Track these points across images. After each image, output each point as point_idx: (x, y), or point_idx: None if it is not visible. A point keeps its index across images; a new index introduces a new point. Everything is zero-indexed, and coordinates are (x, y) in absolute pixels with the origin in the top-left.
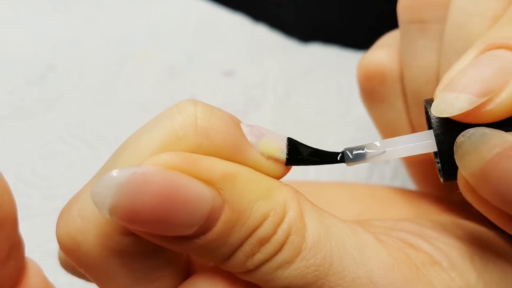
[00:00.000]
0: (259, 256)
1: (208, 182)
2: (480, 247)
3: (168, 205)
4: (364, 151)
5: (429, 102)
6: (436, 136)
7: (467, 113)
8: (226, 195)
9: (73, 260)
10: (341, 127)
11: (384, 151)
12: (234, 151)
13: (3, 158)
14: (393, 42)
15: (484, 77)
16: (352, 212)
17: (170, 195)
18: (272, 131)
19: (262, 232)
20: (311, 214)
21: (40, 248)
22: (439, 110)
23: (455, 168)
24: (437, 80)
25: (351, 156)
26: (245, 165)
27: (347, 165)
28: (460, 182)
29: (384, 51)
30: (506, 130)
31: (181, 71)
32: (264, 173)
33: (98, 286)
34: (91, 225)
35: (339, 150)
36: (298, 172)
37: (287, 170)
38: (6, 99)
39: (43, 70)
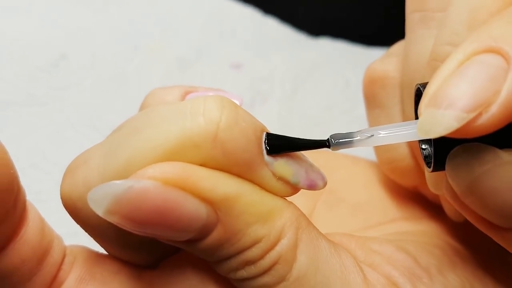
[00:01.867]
0: (243, 273)
1: (206, 201)
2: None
3: (161, 220)
4: (351, 139)
5: (422, 85)
6: None
7: (457, 130)
8: (222, 216)
9: (72, 217)
10: (346, 124)
11: (372, 135)
12: (246, 169)
13: (15, 143)
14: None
15: (473, 90)
16: (358, 199)
17: (164, 212)
18: (292, 152)
19: (250, 254)
20: (306, 246)
21: None
22: (425, 130)
23: (445, 159)
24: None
25: (334, 142)
26: (253, 182)
27: (332, 150)
28: (444, 186)
29: (391, 59)
30: (497, 142)
31: (190, 63)
32: (272, 192)
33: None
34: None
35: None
36: None
37: (296, 191)
38: (20, 86)
39: (56, 58)
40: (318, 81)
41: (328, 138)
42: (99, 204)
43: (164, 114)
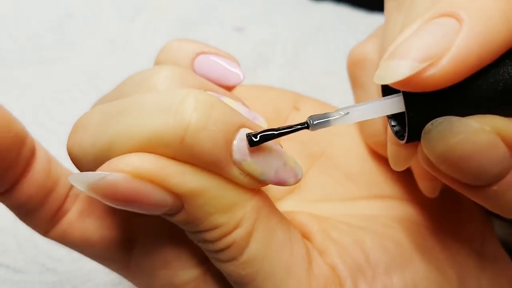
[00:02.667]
0: (202, 245)
1: (173, 194)
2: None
3: (130, 203)
4: (327, 118)
5: None
6: (404, 95)
7: (409, 79)
8: (186, 205)
9: (76, 167)
10: (346, 89)
11: (348, 113)
12: (213, 167)
13: (22, 101)
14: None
15: (426, 44)
16: (352, 168)
17: (133, 198)
18: (268, 145)
19: (208, 235)
20: (260, 236)
21: None
22: (380, 77)
23: (416, 133)
24: None
25: (312, 122)
26: (222, 176)
27: (311, 130)
28: (420, 154)
29: (371, 41)
30: (452, 99)
31: (193, 24)
32: (239, 185)
33: None
34: (89, 156)
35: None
36: None
37: (264, 185)
38: (25, 44)
39: (61, 17)
40: (319, 46)
41: (307, 120)
42: (79, 186)
43: (146, 105)
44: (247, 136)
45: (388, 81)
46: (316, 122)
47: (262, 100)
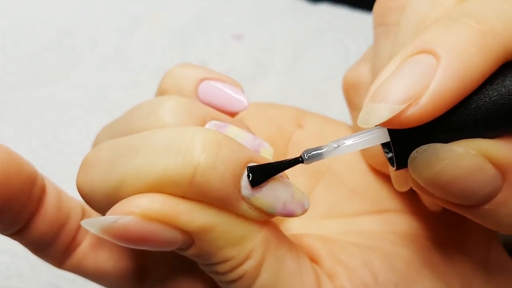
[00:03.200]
0: (214, 276)
1: (183, 231)
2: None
3: (142, 243)
4: (320, 151)
5: None
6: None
7: (390, 120)
8: (197, 241)
9: (86, 202)
10: None
11: (338, 146)
12: (222, 203)
13: (27, 125)
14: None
15: (405, 85)
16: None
17: (144, 239)
18: (274, 180)
19: (220, 268)
20: (270, 266)
21: None
22: (363, 120)
23: (404, 160)
24: None
25: (306, 156)
26: (231, 211)
27: (306, 164)
28: (410, 179)
29: (363, 65)
30: (436, 128)
31: (191, 34)
32: (248, 218)
33: None
34: (99, 194)
35: (342, 119)
36: None
37: (272, 217)
38: (25, 66)
39: (59, 35)
40: (318, 50)
41: (301, 154)
42: (92, 229)
43: (155, 144)
44: (247, 178)
45: (370, 124)
46: (309, 155)
47: (266, 119)
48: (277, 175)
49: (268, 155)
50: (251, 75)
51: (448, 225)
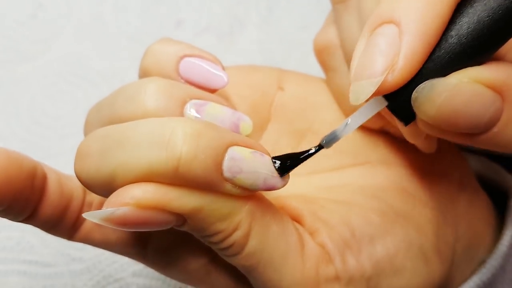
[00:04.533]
0: (210, 245)
1: (176, 215)
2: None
3: (140, 227)
4: (334, 134)
5: None
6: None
7: (377, 91)
8: (189, 220)
9: (86, 188)
10: None
11: (347, 123)
12: (207, 187)
13: (15, 102)
14: None
15: (377, 59)
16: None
17: (142, 223)
18: (254, 159)
19: (212, 239)
20: (256, 234)
21: None
22: (354, 99)
23: (409, 114)
24: None
25: (325, 142)
26: (217, 192)
27: (327, 148)
28: (419, 122)
29: (330, 28)
30: (424, 74)
31: None
32: (233, 195)
33: None
34: (96, 182)
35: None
36: None
37: (255, 192)
38: (4, 43)
39: (33, 9)
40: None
41: (320, 142)
42: (93, 220)
43: (141, 138)
44: (277, 170)
45: (361, 100)
46: (327, 140)
47: (248, 85)
48: (257, 153)
49: (247, 128)
50: (229, 31)
51: (425, 166)
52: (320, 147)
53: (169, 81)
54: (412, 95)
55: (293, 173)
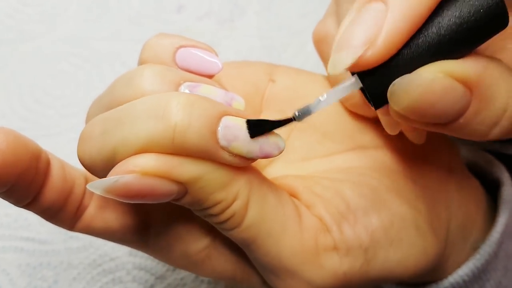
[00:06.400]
0: (208, 219)
1: (177, 182)
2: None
3: (143, 197)
4: (307, 107)
5: None
6: (359, 75)
7: (353, 64)
8: (189, 189)
9: (89, 172)
10: None
11: (320, 100)
12: (205, 155)
13: (17, 80)
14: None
15: (360, 31)
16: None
17: (144, 193)
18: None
19: (212, 210)
20: (255, 203)
21: None
22: (331, 69)
23: (381, 98)
24: None
25: (298, 114)
26: (215, 161)
27: (299, 122)
28: (390, 109)
29: (330, 19)
30: (400, 62)
31: None
32: (231, 165)
33: None
34: (98, 163)
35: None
36: None
37: (253, 162)
38: (7, 23)
39: None
40: None
41: (294, 114)
42: (96, 190)
43: (138, 113)
44: (248, 128)
45: (338, 70)
46: (299, 113)
47: (240, 78)
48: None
49: (240, 107)
50: (229, 18)
51: (413, 152)
52: (292, 119)
53: (163, 66)
54: (389, 89)
55: (285, 160)
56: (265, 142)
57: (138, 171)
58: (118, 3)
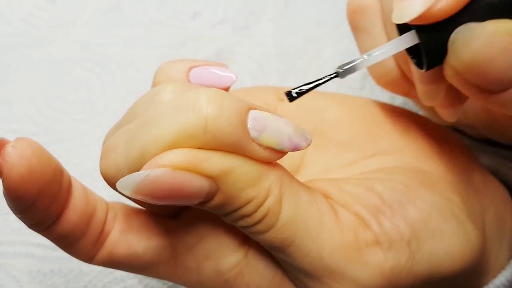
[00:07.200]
0: (242, 223)
1: (207, 177)
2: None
3: (174, 195)
4: (352, 64)
5: None
6: (416, 29)
7: (423, 14)
8: (221, 185)
9: (111, 187)
10: (337, 39)
11: (370, 54)
12: (236, 147)
13: (31, 85)
14: None
15: None
16: (343, 138)
17: (176, 189)
18: (275, 118)
19: (245, 210)
20: (288, 199)
21: (78, 168)
22: (398, 17)
23: (436, 57)
24: None
25: (342, 70)
26: (245, 155)
27: (341, 78)
28: (446, 68)
29: None
30: (462, 21)
31: None
32: (261, 159)
33: None
34: (125, 171)
35: (334, 62)
36: None
37: (283, 155)
38: (21, 27)
39: None
40: None
41: (336, 70)
42: (126, 189)
43: (164, 112)
44: (285, 94)
45: (405, 19)
46: (344, 68)
47: (251, 96)
48: (277, 114)
49: None
50: (244, 25)
51: (433, 155)
52: (334, 75)
53: (183, 82)
54: (451, 38)
55: (307, 174)
56: (292, 134)
57: (168, 165)
58: (133, 9)
